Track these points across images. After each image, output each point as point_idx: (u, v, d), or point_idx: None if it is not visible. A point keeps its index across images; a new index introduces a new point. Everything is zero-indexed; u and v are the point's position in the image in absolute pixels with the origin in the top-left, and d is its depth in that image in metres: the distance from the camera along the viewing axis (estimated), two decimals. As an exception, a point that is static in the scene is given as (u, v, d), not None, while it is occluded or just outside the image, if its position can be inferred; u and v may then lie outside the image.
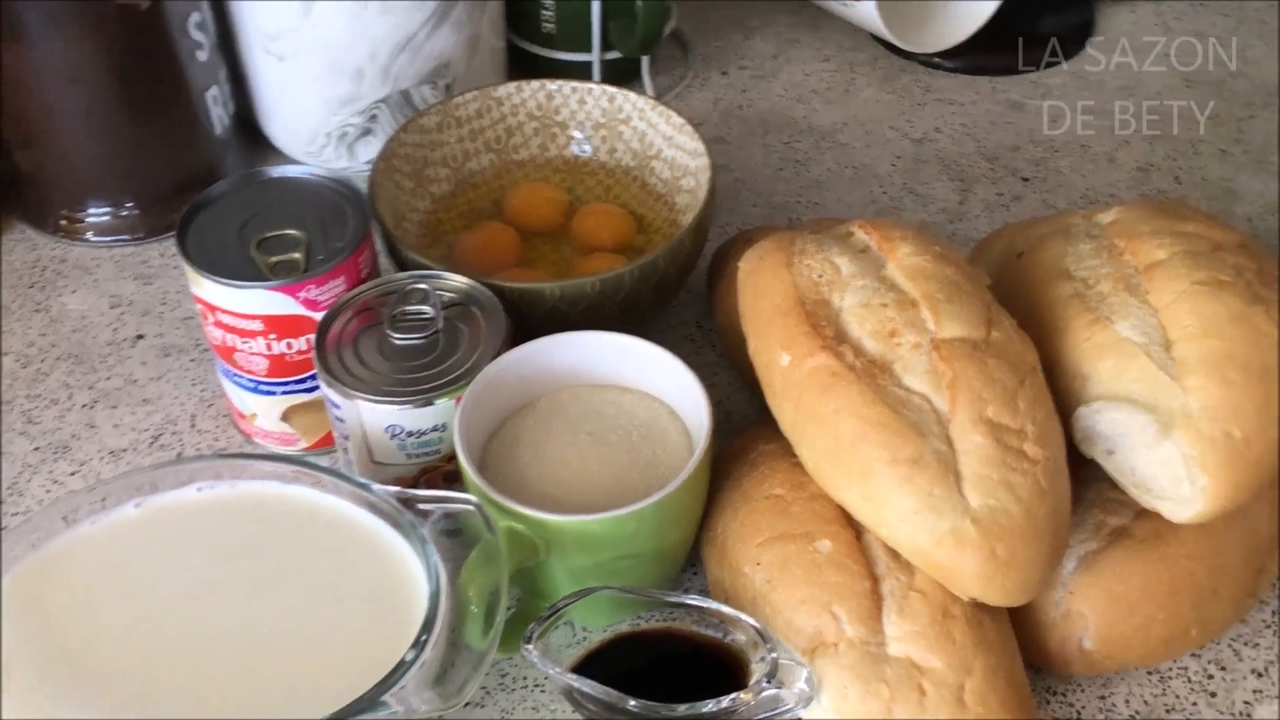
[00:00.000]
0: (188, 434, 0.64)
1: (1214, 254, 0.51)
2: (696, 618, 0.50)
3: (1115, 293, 0.51)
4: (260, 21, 0.73)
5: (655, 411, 0.54)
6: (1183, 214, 0.54)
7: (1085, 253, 0.54)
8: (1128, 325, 0.50)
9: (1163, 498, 0.48)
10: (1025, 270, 0.55)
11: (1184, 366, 0.48)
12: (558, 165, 0.71)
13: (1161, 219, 0.53)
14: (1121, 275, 0.52)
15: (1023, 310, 0.52)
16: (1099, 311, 0.51)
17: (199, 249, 0.57)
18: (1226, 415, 0.47)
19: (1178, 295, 0.50)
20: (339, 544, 0.48)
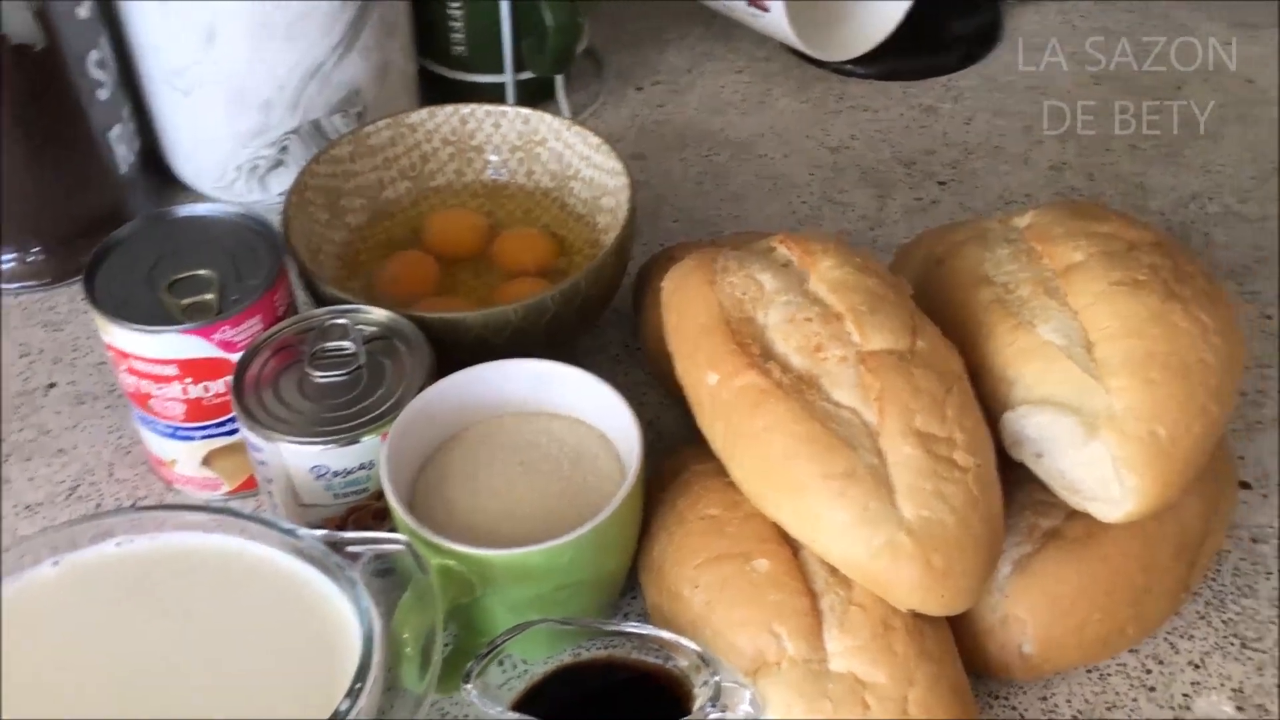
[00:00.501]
0: (106, 484, 0.62)
1: (1129, 253, 0.51)
2: (637, 644, 0.49)
3: (1035, 296, 0.52)
4: (162, 57, 0.71)
5: (585, 437, 0.54)
6: (1097, 215, 0.54)
7: (1004, 257, 0.54)
8: (1049, 328, 0.50)
9: (1092, 499, 0.48)
10: (946, 277, 0.55)
11: (1106, 367, 0.49)
12: (475, 190, 0.70)
13: (1076, 220, 0.54)
14: (1040, 279, 0.52)
15: (945, 318, 0.52)
16: (1020, 316, 0.51)
17: (108, 294, 0.56)
18: (1150, 414, 0.47)
19: (1096, 297, 0.50)
20: (267, 593, 0.47)
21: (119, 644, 0.46)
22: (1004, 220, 0.57)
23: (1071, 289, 0.51)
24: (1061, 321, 0.50)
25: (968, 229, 0.57)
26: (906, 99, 0.86)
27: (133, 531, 0.49)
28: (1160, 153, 0.81)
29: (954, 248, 0.56)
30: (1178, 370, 0.48)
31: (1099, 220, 0.54)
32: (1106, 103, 0.84)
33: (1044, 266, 0.53)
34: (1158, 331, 0.49)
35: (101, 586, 0.47)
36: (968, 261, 0.55)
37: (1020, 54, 0.89)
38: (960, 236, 0.57)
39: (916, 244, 0.61)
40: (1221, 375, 0.49)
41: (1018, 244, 0.54)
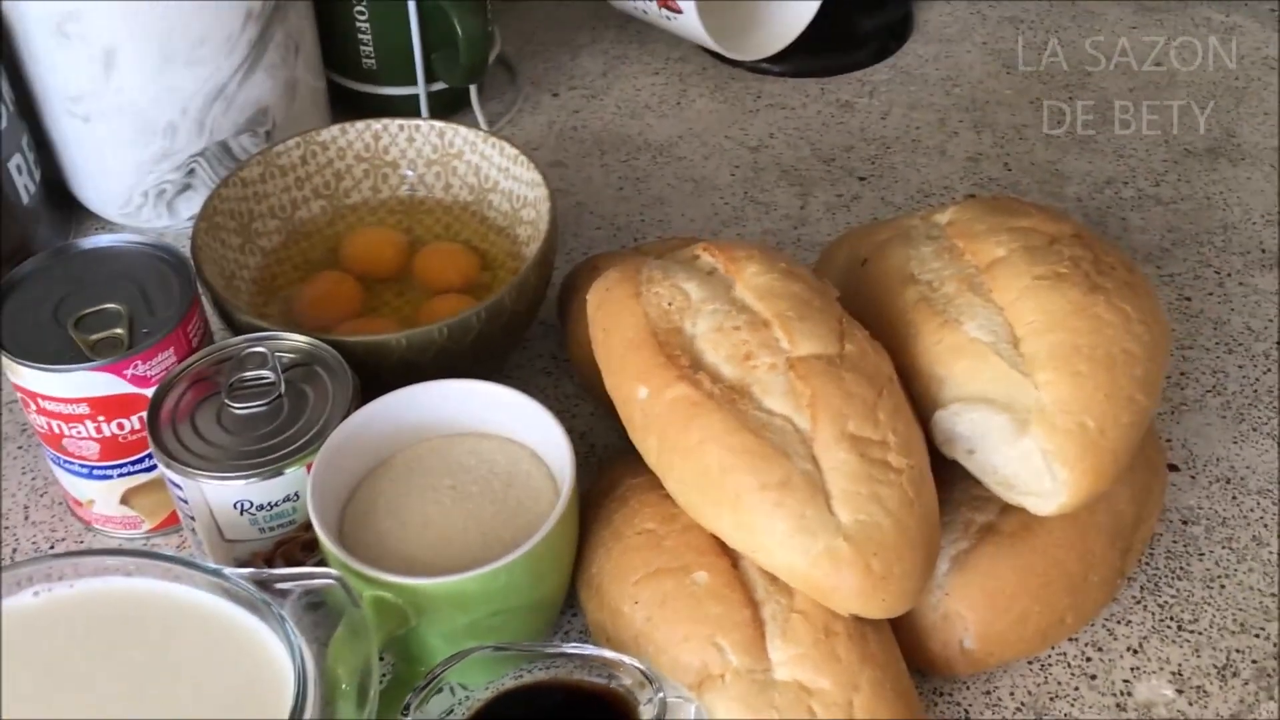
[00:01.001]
0: (21, 528, 0.60)
1: (1050, 247, 0.52)
2: (579, 664, 0.48)
3: (960, 293, 0.52)
4: (60, 84, 0.69)
5: (516, 456, 0.53)
6: (1017, 209, 0.54)
7: (927, 255, 0.54)
8: (975, 325, 0.50)
9: (1026, 493, 0.48)
10: (871, 277, 0.55)
11: (1033, 362, 0.49)
12: (392, 206, 0.69)
13: (997, 216, 0.54)
14: (964, 275, 0.52)
15: (872, 318, 0.52)
16: (947, 314, 0.51)
17: (12, 333, 0.54)
18: (1079, 407, 0.47)
19: (1020, 292, 0.50)
20: (195, 636, 0.45)
21: (43, 696, 0.44)
22: (925, 217, 0.57)
23: (996, 285, 0.51)
24: (987, 318, 0.51)
25: (890, 227, 0.57)
26: (823, 95, 0.86)
27: (50, 580, 0.47)
28: (1074, 140, 0.82)
29: (878, 247, 0.56)
30: (1103, 361, 0.48)
31: (1019, 215, 0.54)
32: (1019, 92, 0.85)
33: (967, 263, 0.53)
34: (1082, 324, 0.49)
35: (21, 639, 0.45)
36: (892, 261, 0.55)
37: (931, 46, 0.90)
38: (883, 235, 0.57)
39: (840, 244, 0.61)
40: (1147, 364, 0.49)
41: (940, 241, 0.54)
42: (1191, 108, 0.83)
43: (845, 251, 0.59)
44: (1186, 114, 0.83)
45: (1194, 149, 0.80)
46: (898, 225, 0.57)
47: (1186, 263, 0.72)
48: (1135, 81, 0.86)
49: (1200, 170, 0.79)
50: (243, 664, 0.45)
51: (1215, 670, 0.53)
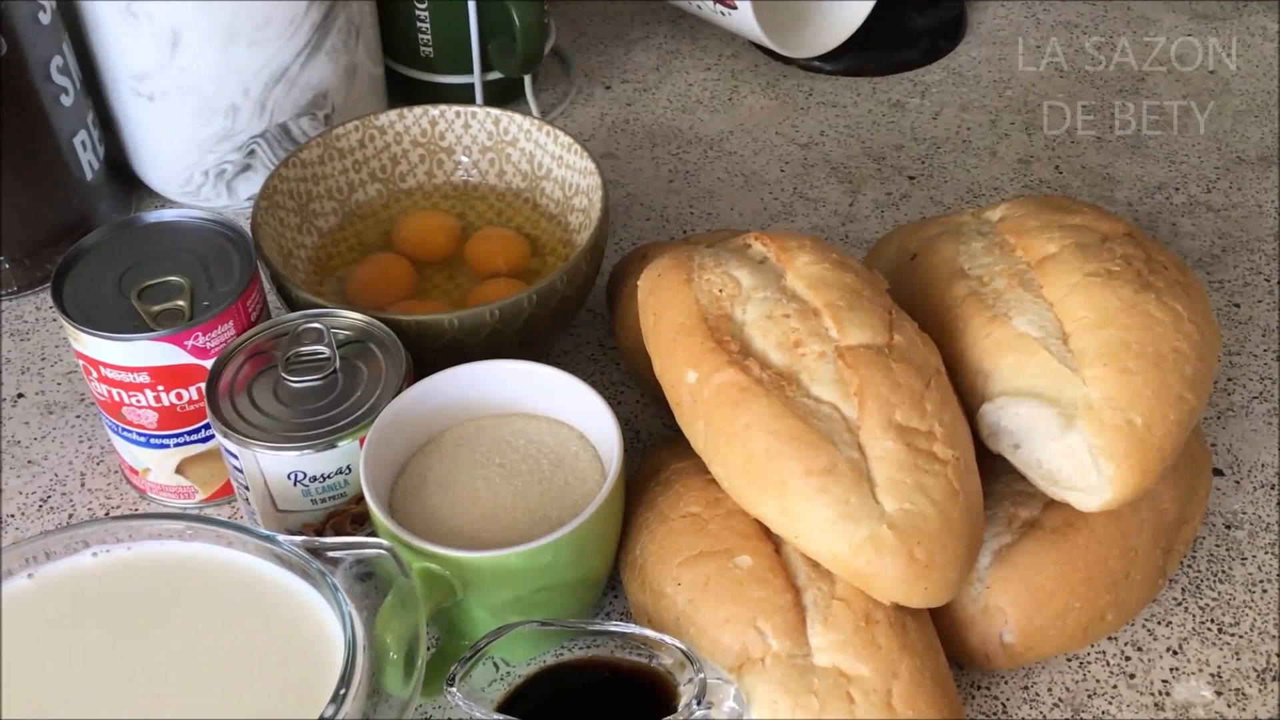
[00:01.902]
0: (78, 494, 0.62)
1: (1102, 245, 0.52)
2: (620, 643, 0.49)
3: (1010, 289, 0.52)
4: (126, 62, 0.70)
5: (564, 438, 0.54)
6: (1069, 207, 0.55)
7: (977, 250, 0.54)
8: (1025, 320, 0.51)
9: (1071, 488, 0.49)
10: (920, 271, 0.55)
11: (1082, 358, 0.49)
12: (446, 191, 0.70)
13: (1049, 213, 0.54)
14: (1015, 271, 0.52)
15: (921, 312, 0.53)
16: (996, 308, 0.52)
17: (76, 303, 0.55)
18: (1127, 403, 0.48)
19: (1070, 288, 0.50)
20: (247, 601, 0.46)
21: (98, 655, 0.45)
22: (976, 214, 0.57)
23: (1046, 281, 0.51)
24: (1037, 313, 0.51)
25: (941, 223, 0.58)
26: (874, 94, 0.86)
27: (108, 541, 0.48)
28: (1125, 144, 0.81)
29: (927, 242, 0.57)
30: (1153, 359, 0.48)
31: (1071, 212, 0.54)
32: (1071, 96, 0.85)
33: (1018, 259, 0.53)
34: (1132, 321, 0.49)
35: (79, 598, 0.47)
36: (942, 255, 0.55)
37: (985, 48, 0.90)
38: (933, 231, 0.57)
39: (889, 239, 0.61)
40: (1197, 363, 0.49)
41: (991, 237, 0.55)
42: (1245, 115, 0.83)
43: (894, 246, 0.60)
44: (1240, 121, 0.83)
45: (1246, 156, 0.80)
46: (948, 221, 0.57)
47: (1237, 269, 0.72)
48: (1188, 87, 0.85)
49: (1252, 178, 0.78)
50: (293, 629, 0.46)
51: (1255, 673, 0.53)
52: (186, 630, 0.46)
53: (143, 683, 0.44)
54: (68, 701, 0.44)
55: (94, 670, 0.45)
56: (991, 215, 0.56)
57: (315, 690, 0.42)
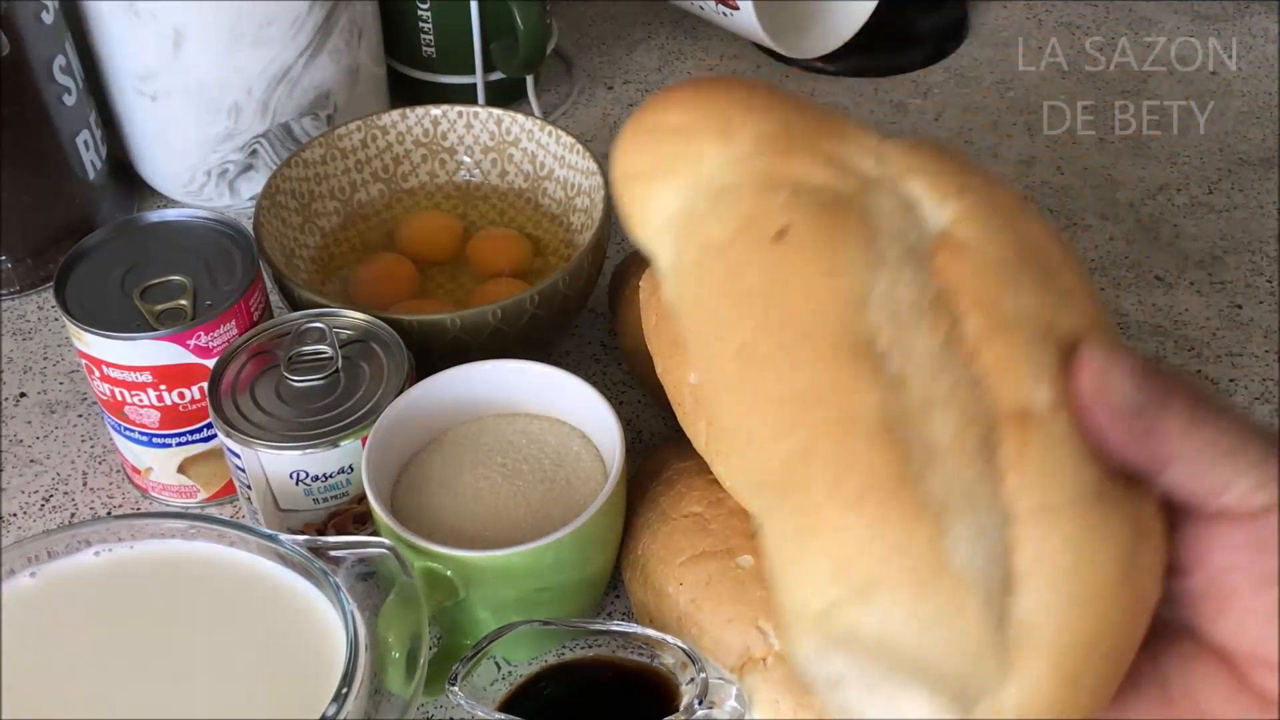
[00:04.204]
0: (80, 494, 0.62)
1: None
2: (622, 643, 0.49)
3: (955, 444, 0.32)
4: (129, 62, 0.70)
5: (566, 437, 0.54)
6: (1055, 263, 0.35)
7: (898, 291, 0.34)
8: (967, 539, 0.31)
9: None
10: (778, 286, 0.35)
11: (1026, 638, 0.31)
12: (449, 191, 0.70)
13: (1032, 283, 0.34)
14: (974, 406, 0.33)
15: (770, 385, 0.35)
16: (922, 485, 0.31)
17: (79, 302, 0.55)
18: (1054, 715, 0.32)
19: (1055, 510, 0.31)
20: (249, 600, 0.47)
21: (101, 654, 0.45)
22: (893, 186, 0.36)
23: (1020, 466, 0.32)
24: (986, 525, 0.31)
25: (810, 154, 0.37)
26: (876, 95, 0.86)
27: (110, 540, 0.48)
28: (1127, 145, 0.81)
29: (811, 214, 0.36)
30: (1116, 664, 0.32)
31: (1054, 273, 0.35)
32: (1073, 97, 0.85)
33: (977, 371, 0.33)
34: (1115, 607, 0.32)
35: (81, 597, 0.47)
36: (830, 276, 0.34)
37: (987, 49, 0.90)
38: (810, 174, 0.36)
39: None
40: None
41: (918, 263, 0.35)
42: (1246, 116, 0.83)
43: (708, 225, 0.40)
44: (1241, 122, 0.83)
45: (1248, 158, 0.80)
46: (824, 153, 0.37)
47: (1238, 270, 0.72)
48: (1190, 88, 0.85)
49: (1254, 179, 0.78)
50: (296, 628, 0.46)
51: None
52: (189, 629, 0.46)
53: (145, 682, 0.44)
54: (69, 701, 0.44)
55: (96, 669, 0.45)
56: (928, 214, 0.35)
57: (317, 689, 0.42)
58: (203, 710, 0.43)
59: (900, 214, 0.35)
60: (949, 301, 0.33)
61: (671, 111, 0.40)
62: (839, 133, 0.37)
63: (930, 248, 0.35)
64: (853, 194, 0.35)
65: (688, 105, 0.40)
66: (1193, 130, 0.82)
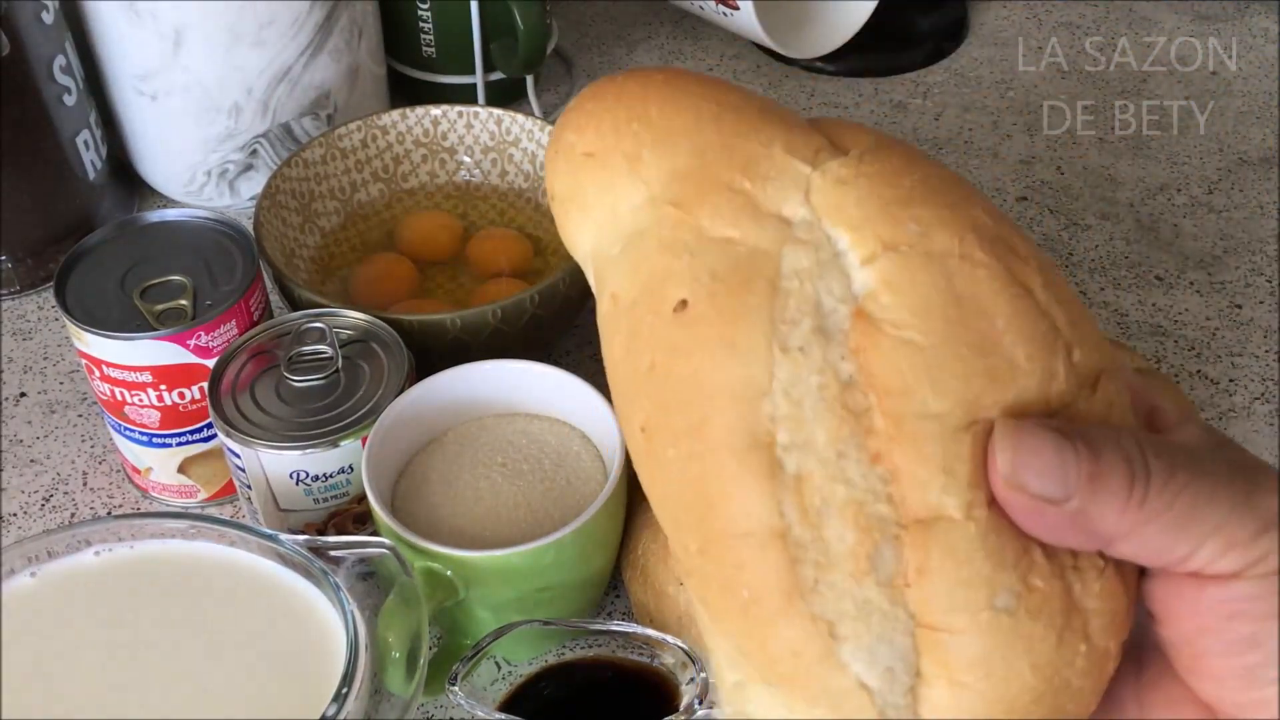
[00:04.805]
0: (80, 493, 0.62)
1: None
2: (622, 643, 0.49)
3: (856, 554, 0.31)
4: (129, 62, 0.70)
5: (567, 437, 0.54)
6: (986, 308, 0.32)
7: (805, 378, 0.32)
8: (865, 647, 0.31)
9: None
10: (664, 389, 0.35)
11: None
12: (449, 191, 0.70)
13: (955, 364, 0.31)
14: (875, 511, 0.31)
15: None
16: (815, 595, 0.31)
17: (79, 302, 0.55)
18: None
19: (960, 624, 0.30)
20: (249, 600, 0.47)
21: (101, 653, 0.45)
22: (812, 224, 0.33)
23: (922, 578, 0.31)
24: (885, 632, 0.31)
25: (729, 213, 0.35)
26: (876, 95, 0.86)
27: (110, 540, 0.48)
28: (1127, 145, 0.81)
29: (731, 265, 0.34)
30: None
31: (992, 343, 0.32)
32: (1073, 97, 0.85)
33: (885, 468, 0.32)
34: (1036, 709, 0.31)
35: (81, 596, 0.47)
36: (721, 365, 0.33)
37: (987, 49, 0.90)
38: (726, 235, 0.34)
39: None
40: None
41: (833, 349, 0.32)
42: (1246, 116, 0.83)
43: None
44: (1241, 122, 0.83)
45: (1248, 158, 0.80)
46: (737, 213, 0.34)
47: (1238, 270, 0.72)
48: (1190, 89, 0.85)
49: (1254, 179, 0.78)
50: (296, 628, 0.46)
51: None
52: (189, 629, 0.46)
53: (145, 682, 0.44)
54: (69, 700, 0.44)
55: (96, 669, 0.45)
56: (839, 238, 0.33)
57: (317, 689, 0.42)
58: (203, 710, 0.43)
59: (817, 275, 0.32)
60: (860, 387, 0.31)
61: (585, 133, 0.37)
62: (764, 160, 0.33)
63: (848, 317, 0.32)
64: (766, 250, 0.32)
65: (600, 127, 0.37)
66: (1193, 130, 0.82)
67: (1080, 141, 0.82)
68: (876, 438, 0.31)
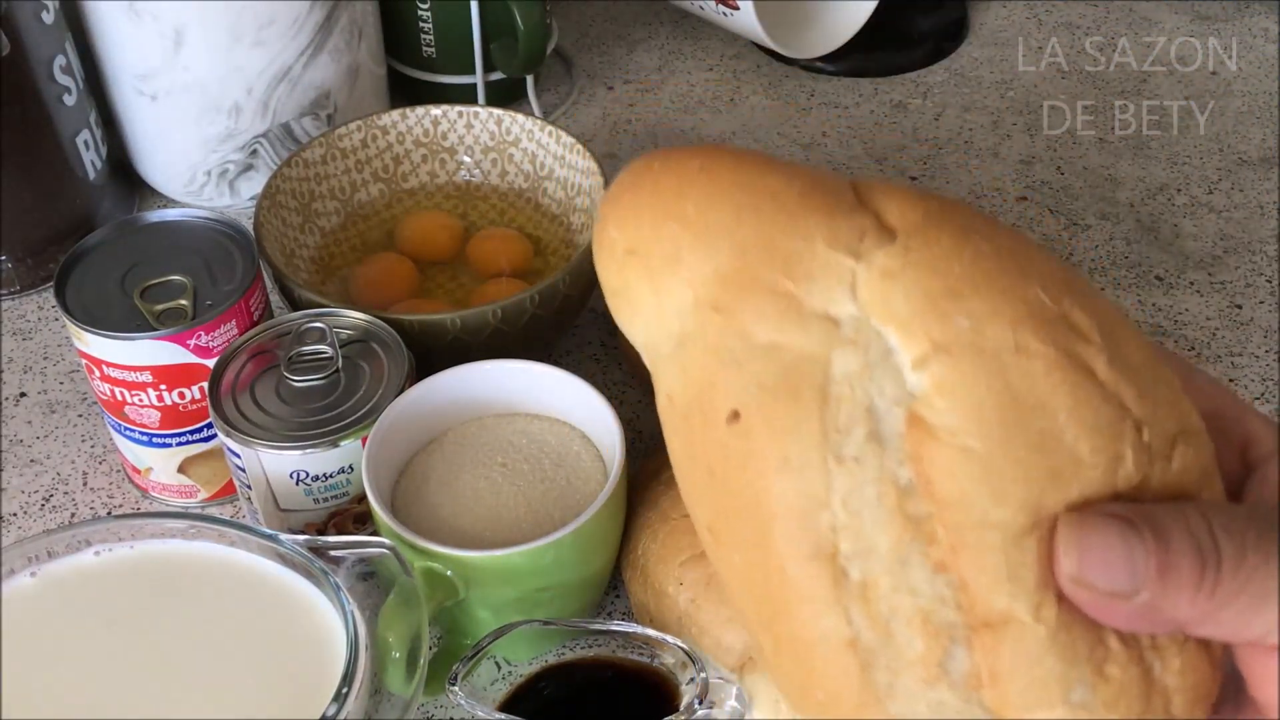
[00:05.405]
0: (80, 493, 0.62)
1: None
2: (622, 643, 0.49)
3: (927, 660, 0.31)
4: (129, 62, 0.70)
5: (566, 437, 0.54)
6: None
7: (862, 489, 0.32)
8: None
9: None
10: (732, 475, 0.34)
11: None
12: (449, 191, 0.70)
13: (1015, 468, 0.31)
14: (944, 617, 0.31)
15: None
16: (890, 699, 0.32)
17: (79, 302, 0.55)
18: None
19: (1044, 716, 0.31)
20: (249, 600, 0.47)
21: (102, 653, 0.45)
22: (860, 321, 0.33)
23: (995, 680, 0.31)
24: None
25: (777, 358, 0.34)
26: (876, 95, 0.86)
27: (110, 540, 0.48)
28: (1127, 145, 0.81)
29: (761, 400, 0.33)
30: None
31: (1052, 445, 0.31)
32: (1073, 97, 0.85)
33: (950, 575, 0.31)
34: None
35: (82, 596, 0.47)
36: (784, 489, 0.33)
37: (987, 49, 0.90)
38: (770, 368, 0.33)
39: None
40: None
41: (890, 456, 0.32)
42: (1246, 116, 0.83)
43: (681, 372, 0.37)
44: (1241, 122, 0.83)
45: (1248, 158, 0.80)
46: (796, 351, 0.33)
47: (1238, 270, 0.72)
48: (1190, 89, 0.85)
49: (1254, 179, 0.78)
50: (296, 627, 0.46)
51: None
52: (189, 629, 0.46)
53: (145, 681, 0.44)
54: (69, 701, 0.44)
55: (96, 669, 0.45)
56: (889, 336, 0.32)
57: (318, 689, 0.42)
58: (203, 710, 0.43)
59: (868, 378, 0.31)
60: (918, 494, 0.31)
61: (625, 229, 0.36)
62: (807, 257, 0.32)
63: (902, 419, 0.31)
64: (813, 355, 0.32)
65: (639, 223, 0.36)
66: (1193, 130, 0.82)
67: (1080, 141, 0.82)
68: (939, 547, 0.31)
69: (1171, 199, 0.77)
